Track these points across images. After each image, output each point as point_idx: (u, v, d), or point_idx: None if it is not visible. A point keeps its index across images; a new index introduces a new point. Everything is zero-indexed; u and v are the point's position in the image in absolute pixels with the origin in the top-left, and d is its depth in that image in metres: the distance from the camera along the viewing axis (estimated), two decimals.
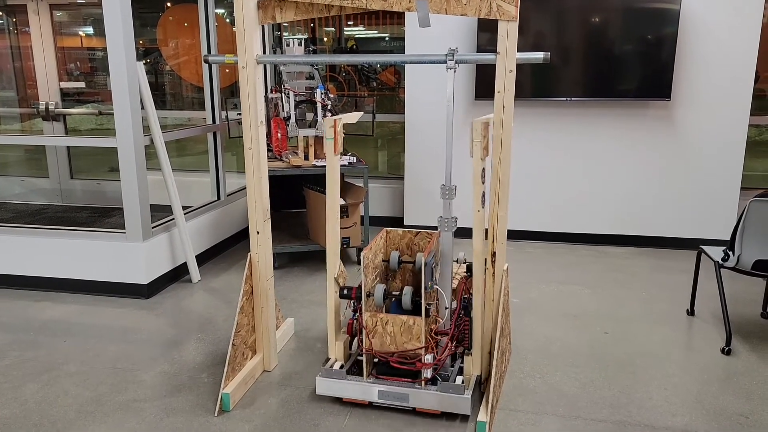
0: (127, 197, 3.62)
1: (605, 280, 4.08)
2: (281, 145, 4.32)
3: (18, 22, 5.64)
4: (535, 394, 2.65)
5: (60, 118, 5.57)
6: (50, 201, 5.72)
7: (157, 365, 2.92)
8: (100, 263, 3.75)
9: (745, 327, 3.34)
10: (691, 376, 2.81)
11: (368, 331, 2.51)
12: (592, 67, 4.50)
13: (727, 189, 4.62)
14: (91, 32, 5.92)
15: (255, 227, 2.73)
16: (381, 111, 5.83)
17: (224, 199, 4.72)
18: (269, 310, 2.82)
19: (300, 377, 2.80)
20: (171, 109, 6.26)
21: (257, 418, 2.47)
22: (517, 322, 3.40)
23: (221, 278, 4.13)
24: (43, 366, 2.91)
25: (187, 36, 5.76)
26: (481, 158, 2.37)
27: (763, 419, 2.46)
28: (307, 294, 3.85)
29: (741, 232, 2.99)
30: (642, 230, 4.82)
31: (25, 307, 3.62)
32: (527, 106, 4.79)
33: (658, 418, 2.46)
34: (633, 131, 4.68)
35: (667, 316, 3.48)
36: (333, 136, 2.60)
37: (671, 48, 4.36)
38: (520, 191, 4.96)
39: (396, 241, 2.90)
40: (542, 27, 4.52)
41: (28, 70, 5.75)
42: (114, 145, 3.56)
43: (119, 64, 3.43)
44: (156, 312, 3.55)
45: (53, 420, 2.46)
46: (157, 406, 2.56)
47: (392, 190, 5.48)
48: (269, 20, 2.60)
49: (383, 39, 6.43)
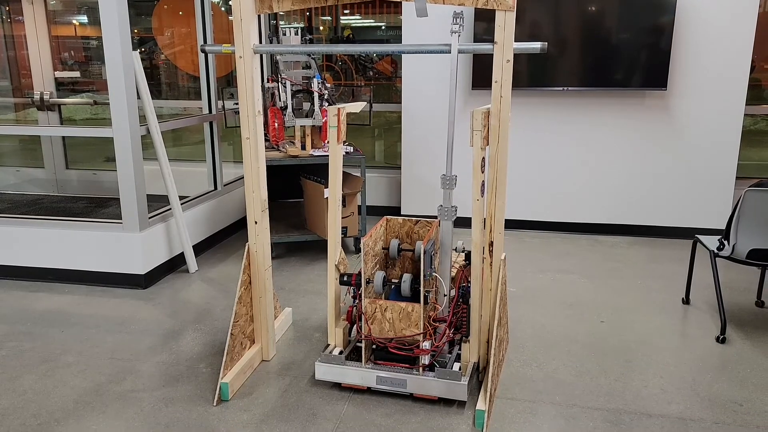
0: (124, 187, 3.61)
1: (601, 269, 4.10)
2: (278, 135, 4.31)
3: (11, 11, 5.58)
4: (532, 382, 2.67)
5: (55, 107, 5.54)
6: (46, 191, 5.69)
7: (155, 355, 2.92)
8: (96, 254, 3.75)
9: (739, 315, 3.36)
10: (686, 364, 2.83)
11: (367, 317, 2.53)
12: (588, 56, 4.49)
13: (723, 178, 4.64)
14: (86, 21, 5.88)
15: (253, 217, 2.73)
16: (378, 100, 5.82)
17: (221, 189, 4.71)
18: (267, 299, 2.83)
19: (298, 366, 2.82)
20: (167, 99, 6.23)
21: (256, 408, 2.48)
22: (514, 311, 3.42)
23: (218, 268, 4.13)
24: (41, 357, 2.91)
25: (183, 25, 5.72)
26: (481, 148, 2.37)
27: (756, 407, 2.48)
28: (304, 284, 3.86)
29: (736, 221, 3.00)
30: (638, 219, 4.84)
31: (21, 298, 3.62)
32: (524, 95, 4.78)
33: (653, 406, 2.49)
34: (629, 121, 4.69)
35: (662, 305, 3.50)
36: (336, 125, 2.60)
37: (667, 38, 4.36)
38: (516, 181, 4.97)
39: (396, 230, 2.92)
40: (539, 17, 4.51)
41: (22, 60, 5.70)
42: (110, 135, 3.54)
43: (115, 54, 3.41)
44: (153, 302, 3.55)
45: (51, 410, 2.47)
46: (156, 396, 2.57)
47: (389, 180, 5.48)
48: (266, 10, 2.59)
49: (379, 28, 6.40)
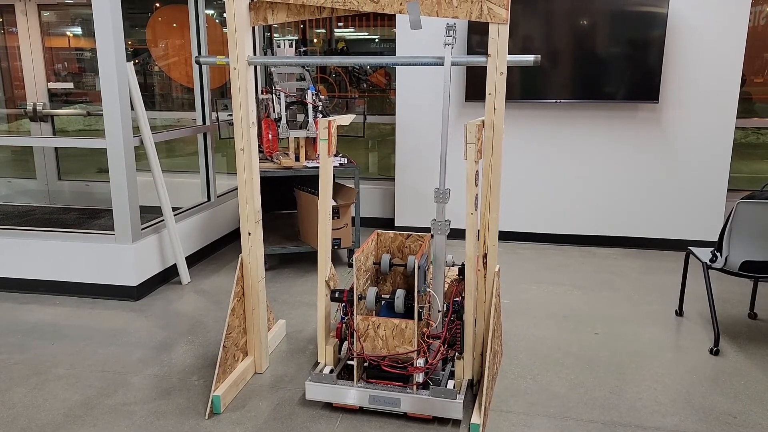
0: (117, 198, 3.59)
1: (595, 281, 4.10)
2: (272, 147, 4.31)
3: (5, 22, 5.58)
4: (526, 395, 2.66)
5: (48, 118, 5.52)
6: (38, 202, 5.66)
7: (147, 368, 2.90)
8: (88, 265, 3.72)
9: (732, 327, 3.37)
10: (680, 376, 2.83)
11: (360, 335, 2.50)
12: (581, 69, 4.53)
13: (715, 190, 4.67)
14: (80, 32, 5.88)
15: (246, 228, 2.72)
16: (371, 112, 5.83)
17: (214, 201, 4.69)
18: (260, 311, 2.81)
19: (291, 380, 2.80)
20: (160, 110, 6.22)
21: (248, 421, 2.46)
22: (508, 324, 3.41)
23: (211, 280, 4.11)
24: (31, 369, 2.88)
25: (177, 37, 5.73)
26: (475, 161, 2.38)
27: (750, 419, 2.48)
28: (298, 295, 3.84)
29: (728, 233, 3.02)
30: (631, 231, 4.86)
31: (11, 310, 3.58)
32: (517, 107, 4.81)
33: (648, 418, 2.48)
34: (622, 133, 4.72)
35: (656, 317, 3.51)
36: (327, 138, 2.60)
37: (659, 51, 4.40)
38: (509, 193, 4.98)
39: (387, 244, 2.90)
40: (532, 30, 4.54)
41: (15, 71, 5.69)
42: (103, 146, 3.53)
43: (109, 65, 3.40)
44: (145, 314, 3.53)
45: (41, 424, 2.44)
46: (147, 409, 2.55)
47: (383, 192, 5.49)
48: (261, 22, 2.60)
49: (373, 41, 6.44)
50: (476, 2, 2.30)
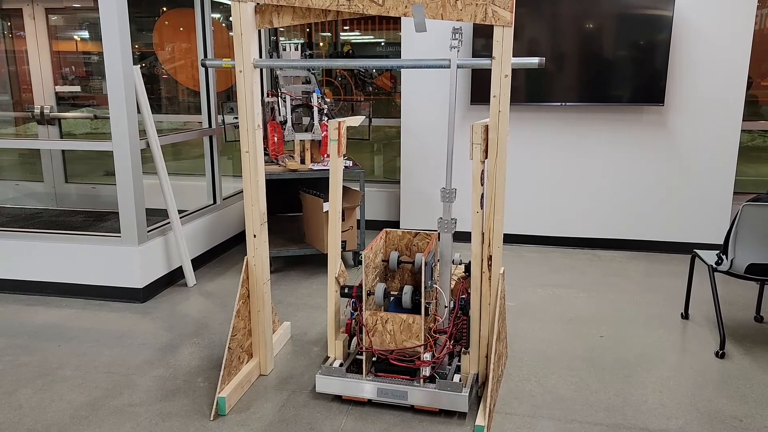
0: (123, 201, 3.61)
1: (600, 284, 4.09)
2: (277, 149, 4.33)
3: (13, 26, 5.63)
4: (531, 397, 2.66)
5: (55, 121, 5.55)
6: (45, 205, 5.69)
7: (153, 369, 2.91)
8: (95, 267, 3.74)
9: (738, 330, 3.36)
10: (685, 379, 2.82)
11: (368, 329, 2.53)
12: (586, 72, 4.53)
13: (720, 193, 4.65)
14: (87, 36, 5.92)
15: (252, 231, 2.73)
16: (377, 115, 5.84)
17: (220, 203, 4.71)
18: (265, 313, 2.82)
19: (297, 381, 2.80)
20: (167, 113, 6.25)
21: (253, 423, 2.47)
22: (513, 326, 3.41)
23: (217, 282, 4.12)
24: (38, 371, 2.90)
25: (184, 40, 5.76)
26: (480, 161, 2.39)
27: (756, 422, 2.47)
28: (303, 297, 3.85)
29: (734, 236, 3.01)
30: (636, 234, 4.84)
31: (18, 312, 3.61)
32: (522, 110, 4.81)
33: (653, 421, 2.47)
34: (627, 136, 4.71)
35: (661, 320, 3.50)
36: (337, 138, 2.61)
37: (664, 54, 4.39)
38: (515, 195, 4.98)
39: (395, 242, 2.92)
40: (537, 32, 4.55)
41: (23, 74, 5.73)
42: (110, 149, 3.55)
43: (115, 68, 3.43)
44: (151, 316, 3.54)
45: (47, 425, 2.45)
46: (152, 410, 2.56)
47: (388, 194, 5.49)
48: (266, 25, 2.61)
49: (379, 44, 6.45)
50: (481, 5, 2.30)
